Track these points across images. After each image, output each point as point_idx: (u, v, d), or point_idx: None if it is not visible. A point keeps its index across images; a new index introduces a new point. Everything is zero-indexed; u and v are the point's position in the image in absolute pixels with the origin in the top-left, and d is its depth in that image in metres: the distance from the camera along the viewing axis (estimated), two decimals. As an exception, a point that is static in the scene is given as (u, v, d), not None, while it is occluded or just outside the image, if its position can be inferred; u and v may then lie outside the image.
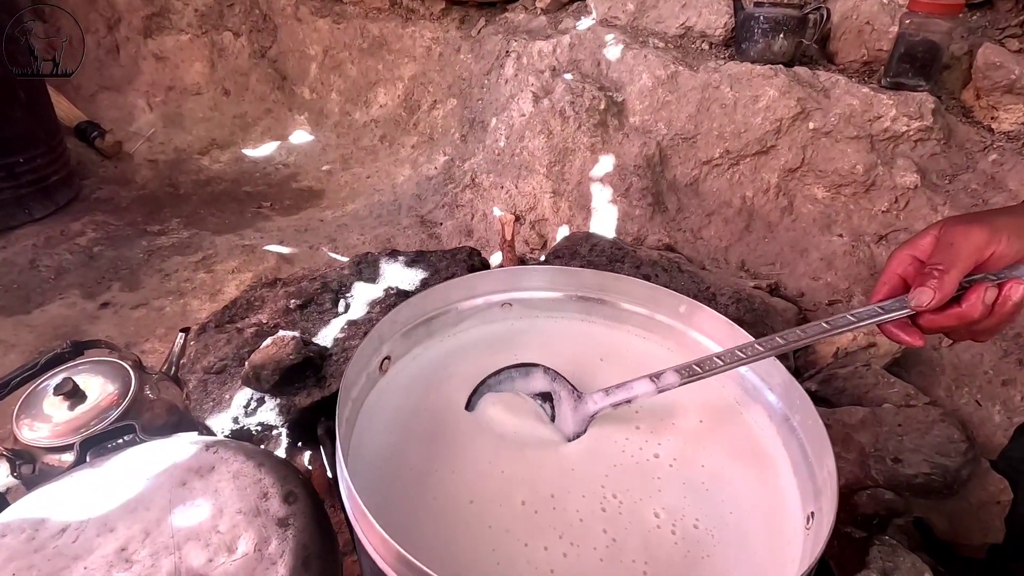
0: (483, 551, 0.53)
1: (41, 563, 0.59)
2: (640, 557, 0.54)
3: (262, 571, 0.59)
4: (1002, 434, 1.18)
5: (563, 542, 0.54)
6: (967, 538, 0.92)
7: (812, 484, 0.57)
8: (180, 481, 0.68)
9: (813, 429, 0.59)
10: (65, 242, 2.09)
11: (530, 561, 0.52)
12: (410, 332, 0.74)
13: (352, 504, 0.49)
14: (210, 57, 3.22)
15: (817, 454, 0.57)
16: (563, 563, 0.53)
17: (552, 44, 2.33)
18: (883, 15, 1.85)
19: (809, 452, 0.60)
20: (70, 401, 0.93)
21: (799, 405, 0.62)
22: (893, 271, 0.59)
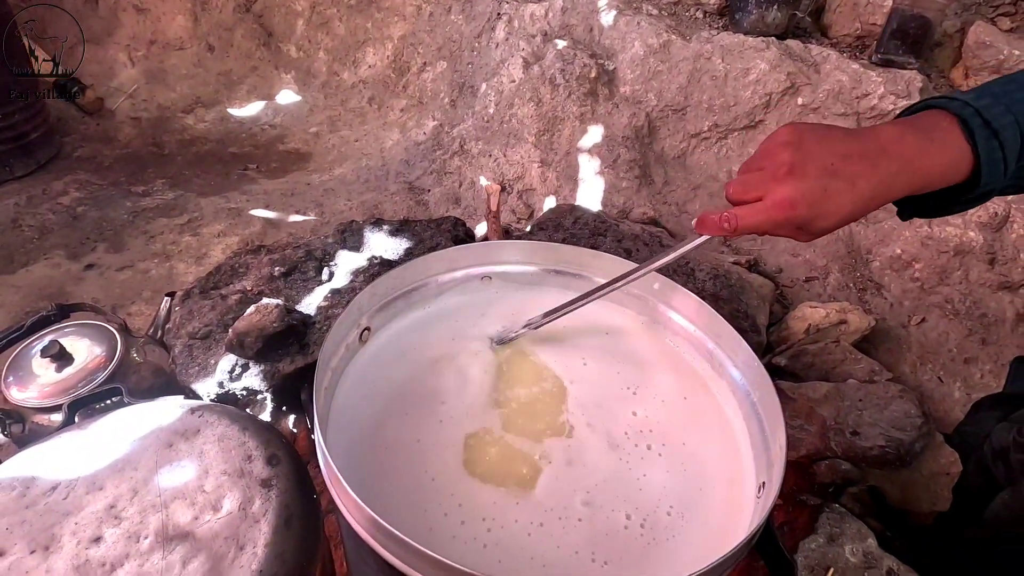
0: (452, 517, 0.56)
1: (33, 519, 0.62)
2: (623, 509, 0.58)
3: (246, 529, 0.62)
4: (960, 410, 1.24)
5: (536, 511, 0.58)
6: (917, 506, 0.98)
7: (766, 456, 0.61)
8: (166, 443, 0.70)
9: (770, 405, 0.62)
10: (48, 201, 2.07)
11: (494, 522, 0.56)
12: (390, 304, 0.76)
13: (328, 471, 0.52)
14: (193, 10, 3.12)
15: (772, 429, 0.61)
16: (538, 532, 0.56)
17: (544, 7, 2.28)
18: (878, -11, 1.84)
19: (766, 427, 0.63)
20: (57, 363, 0.94)
21: (759, 382, 0.65)
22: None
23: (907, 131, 0.57)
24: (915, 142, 0.56)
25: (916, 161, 0.56)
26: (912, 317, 1.41)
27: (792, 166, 0.55)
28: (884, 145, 0.56)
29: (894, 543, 0.86)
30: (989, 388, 1.27)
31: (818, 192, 0.54)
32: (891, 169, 0.55)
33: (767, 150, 0.58)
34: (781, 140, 0.57)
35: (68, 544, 0.59)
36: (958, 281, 1.38)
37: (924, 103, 0.61)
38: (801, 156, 0.55)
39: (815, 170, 0.55)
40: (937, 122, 0.57)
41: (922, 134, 0.56)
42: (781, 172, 0.55)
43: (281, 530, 0.62)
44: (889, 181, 0.56)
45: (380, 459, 0.62)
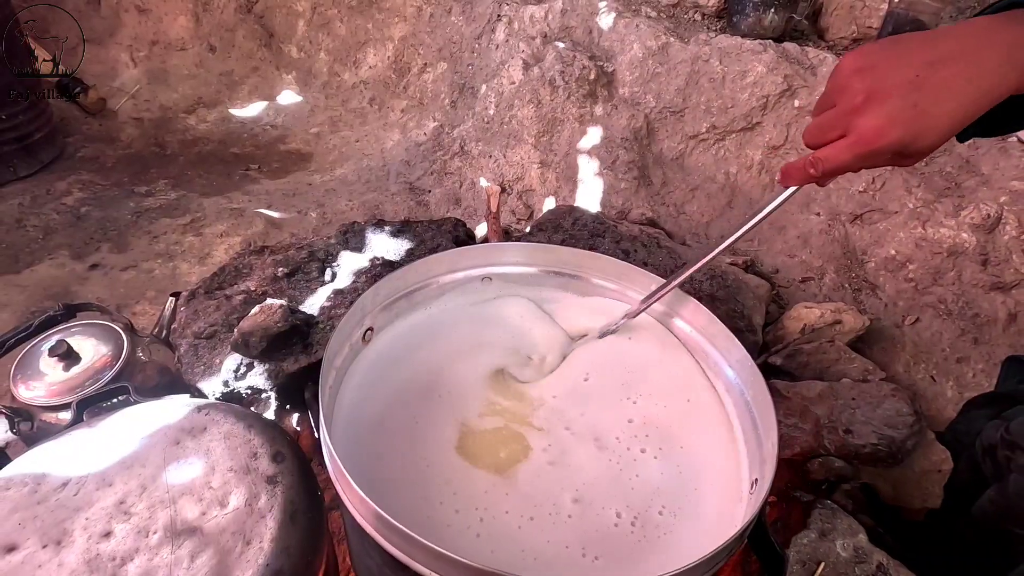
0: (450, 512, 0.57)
1: (44, 514, 0.63)
2: (613, 507, 0.59)
3: (252, 524, 0.63)
4: (952, 408, 1.26)
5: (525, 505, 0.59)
6: (909, 503, 0.99)
7: (759, 453, 0.63)
8: (174, 440, 0.71)
9: (763, 404, 0.63)
10: (52, 201, 2.08)
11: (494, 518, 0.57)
12: (392, 304, 0.77)
13: (333, 466, 0.53)
14: (194, 11, 3.13)
15: (765, 427, 0.62)
16: (528, 525, 0.58)
17: (544, 9, 2.29)
18: (874, -8, 1.85)
19: (759, 425, 0.65)
20: (65, 362, 0.96)
21: (752, 381, 0.66)
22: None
23: (999, 21, 0.50)
24: (1013, 28, 0.48)
25: (1017, 52, 0.48)
26: (906, 317, 1.43)
27: (869, 93, 0.49)
28: (980, 38, 0.49)
29: (885, 539, 0.88)
30: (981, 387, 1.29)
31: (907, 109, 0.48)
32: (992, 64, 0.48)
33: (837, 85, 0.53)
34: (850, 68, 0.52)
35: (79, 539, 0.61)
36: (951, 282, 1.40)
37: (1005, 2, 0.54)
38: (876, 78, 0.49)
39: (897, 88, 0.49)
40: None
41: (1019, 22, 0.49)
42: (857, 101, 0.50)
43: (286, 525, 0.64)
44: (991, 78, 0.48)
45: (382, 454, 0.64)
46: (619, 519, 0.58)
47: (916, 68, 0.49)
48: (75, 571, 0.58)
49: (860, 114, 0.50)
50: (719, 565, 0.47)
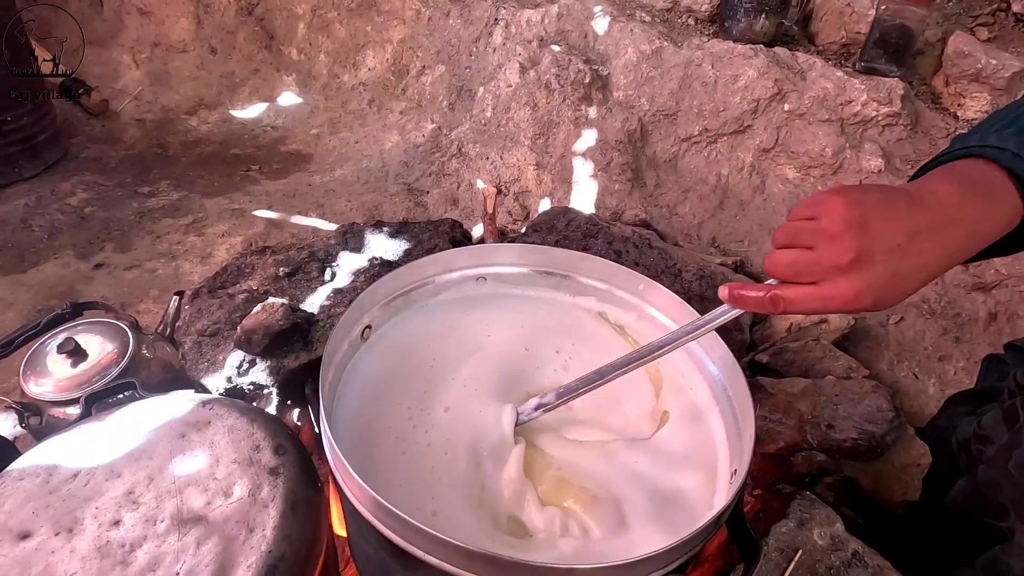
0: (447, 498, 0.60)
1: (56, 503, 0.66)
2: (602, 492, 0.61)
3: (255, 513, 0.66)
4: (934, 405, 1.28)
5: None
6: (889, 496, 1.02)
7: (739, 445, 0.65)
8: (179, 434, 0.74)
9: (743, 399, 0.66)
10: (56, 202, 2.10)
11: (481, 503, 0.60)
12: (390, 303, 0.80)
13: (333, 456, 0.56)
14: (196, 13, 3.14)
15: (744, 421, 0.65)
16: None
17: (540, 13, 2.32)
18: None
19: (739, 418, 0.67)
20: (72, 359, 0.98)
21: (733, 377, 0.69)
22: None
23: (967, 192, 0.52)
24: (978, 206, 0.52)
25: (981, 226, 0.52)
26: (891, 317, 1.46)
27: (858, 254, 0.49)
28: (951, 214, 0.51)
29: (865, 530, 0.90)
30: (962, 384, 1.31)
31: (885, 279, 0.49)
32: (959, 239, 0.51)
33: (822, 229, 0.51)
34: (840, 218, 0.50)
35: (90, 527, 0.63)
36: (934, 282, 1.43)
37: (963, 149, 0.56)
38: (867, 241, 0.49)
39: (882, 256, 0.49)
40: (992, 180, 0.53)
41: (983, 196, 0.52)
42: (845, 260, 0.49)
43: (288, 514, 0.66)
44: (956, 251, 0.52)
45: (379, 445, 0.66)
46: (606, 504, 0.61)
47: (900, 237, 0.50)
48: (86, 557, 0.61)
49: (844, 273, 0.49)
50: (696, 548, 0.50)
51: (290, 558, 0.63)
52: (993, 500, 0.74)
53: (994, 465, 0.74)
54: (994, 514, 0.73)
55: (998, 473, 0.73)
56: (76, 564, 0.60)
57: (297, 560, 0.64)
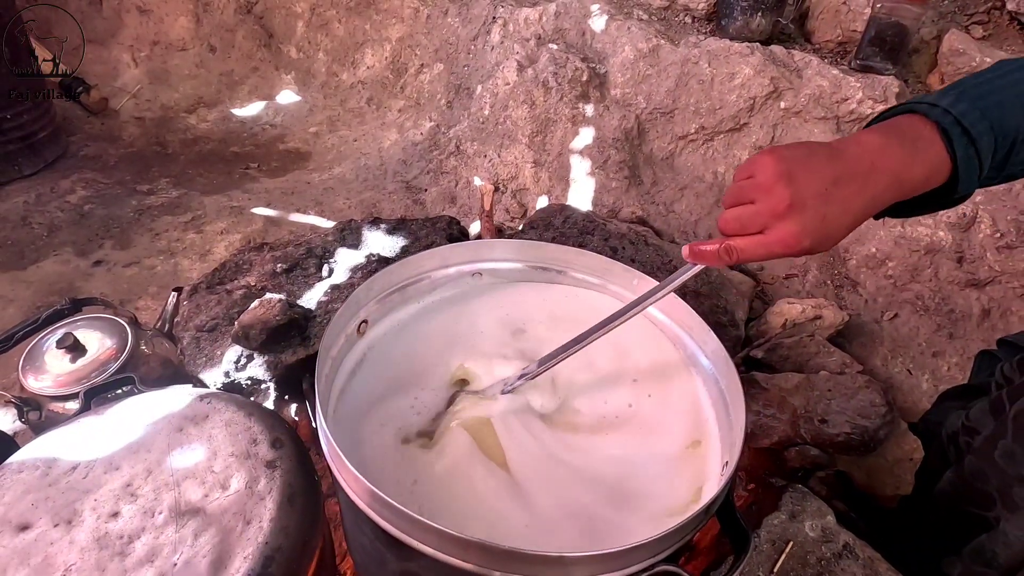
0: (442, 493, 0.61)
1: (55, 495, 0.66)
2: (589, 490, 0.62)
3: (252, 505, 0.66)
4: (927, 400, 1.29)
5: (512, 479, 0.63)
6: (882, 490, 1.03)
7: (730, 438, 0.66)
8: (177, 427, 0.74)
9: (735, 393, 0.66)
10: (56, 199, 2.10)
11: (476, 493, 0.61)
12: (386, 298, 0.80)
13: (328, 448, 0.56)
14: (195, 11, 3.14)
15: (735, 414, 0.65)
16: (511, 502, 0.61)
17: (538, 12, 2.32)
18: (859, -4, 1.88)
19: (731, 411, 0.68)
20: (71, 354, 0.98)
21: (726, 371, 0.69)
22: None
23: (891, 142, 0.57)
24: (900, 154, 0.56)
25: (903, 173, 0.56)
26: (885, 313, 1.46)
27: (791, 201, 0.54)
28: (872, 161, 0.56)
29: (858, 523, 0.91)
30: (955, 380, 1.32)
31: (818, 222, 0.55)
32: (880, 184, 0.56)
33: (758, 185, 0.57)
34: (771, 172, 0.56)
35: (89, 518, 0.64)
36: (928, 278, 1.43)
37: (904, 106, 0.61)
38: (797, 189, 0.55)
39: (812, 200, 0.55)
40: (919, 131, 0.57)
41: (907, 145, 0.57)
42: (781, 208, 0.55)
43: (285, 507, 0.67)
44: (879, 195, 0.57)
45: (374, 436, 0.67)
46: (601, 495, 0.61)
47: (825, 183, 0.55)
48: (85, 548, 0.61)
49: (781, 219, 0.55)
50: (686, 537, 0.50)
51: (287, 550, 0.64)
52: (979, 490, 0.74)
53: (980, 455, 0.75)
54: (981, 503, 0.74)
55: (984, 463, 0.74)
56: (75, 555, 0.60)
57: (294, 552, 0.65)
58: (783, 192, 0.55)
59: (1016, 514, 0.69)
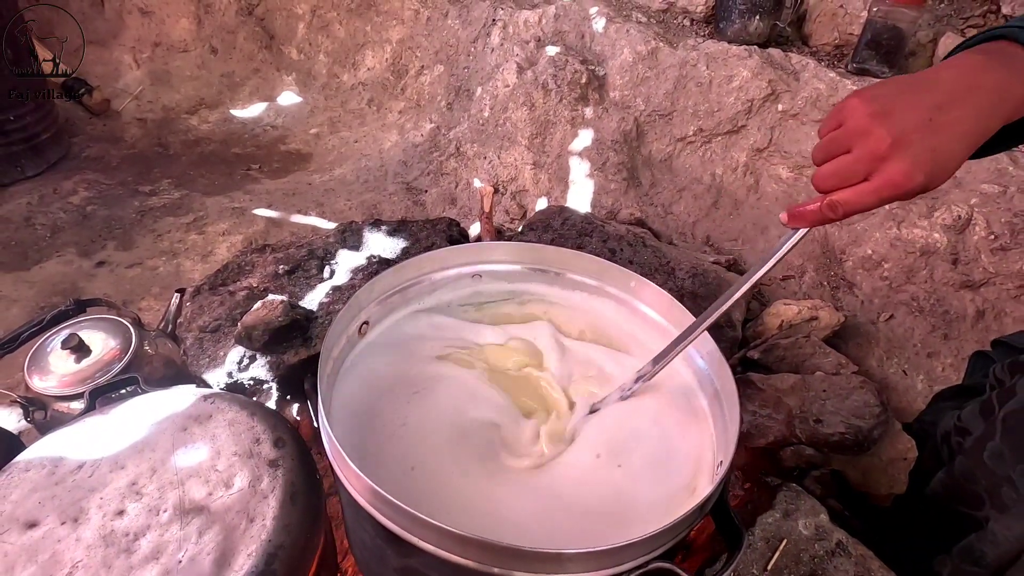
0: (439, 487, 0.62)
1: (62, 494, 0.67)
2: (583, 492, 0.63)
3: (255, 504, 0.67)
4: (922, 401, 1.30)
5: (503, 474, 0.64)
6: (876, 489, 1.04)
7: (724, 437, 0.67)
8: (181, 427, 0.75)
9: (729, 393, 0.67)
10: (59, 200, 2.11)
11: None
12: (386, 300, 0.81)
13: (330, 446, 0.57)
14: (196, 13, 3.15)
15: (730, 413, 0.66)
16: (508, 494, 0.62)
17: (538, 14, 2.33)
18: (856, 0, 1.89)
19: (725, 411, 0.69)
20: (76, 355, 1.00)
21: (721, 372, 0.70)
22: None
23: (989, 61, 0.54)
24: (1001, 71, 0.53)
25: (1006, 90, 0.52)
26: (881, 314, 1.47)
27: (893, 139, 0.50)
28: (974, 79, 0.52)
29: (852, 522, 0.92)
30: (949, 380, 1.33)
31: (927, 154, 0.50)
32: (987, 103, 0.52)
33: (854, 129, 0.52)
34: (863, 114, 0.52)
35: (95, 516, 0.65)
36: (924, 280, 1.44)
37: (987, 33, 0.58)
38: (896, 124, 0.51)
39: (917, 134, 0.50)
40: (1014, 51, 0.54)
41: (1005, 63, 0.53)
42: (882, 148, 0.50)
43: (287, 505, 0.68)
44: (988, 113, 0.52)
45: (375, 434, 0.68)
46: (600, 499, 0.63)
47: (928, 111, 0.51)
48: (91, 546, 0.62)
49: (887, 160, 0.51)
50: (681, 535, 0.51)
51: (289, 547, 0.65)
52: (970, 490, 0.75)
53: (970, 456, 0.76)
54: (971, 504, 0.75)
55: (974, 464, 0.75)
56: (82, 552, 0.61)
57: (296, 549, 0.66)
58: (881, 131, 0.50)
59: (1004, 514, 0.70)
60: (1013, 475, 0.70)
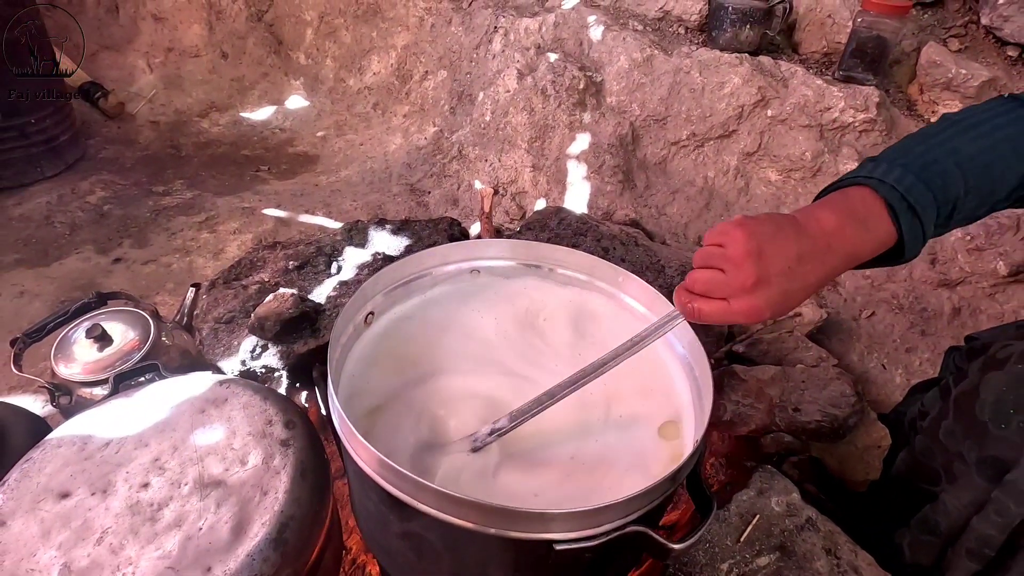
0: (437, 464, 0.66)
1: (91, 468, 0.72)
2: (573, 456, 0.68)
3: (268, 479, 0.72)
4: (900, 393, 1.34)
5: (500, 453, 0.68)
6: (853, 475, 1.08)
7: (701, 418, 0.71)
8: (199, 409, 0.80)
9: (705, 378, 0.71)
10: (76, 200, 2.16)
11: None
12: (391, 292, 0.86)
13: (341, 423, 0.62)
14: (208, 19, 3.20)
15: (706, 397, 0.70)
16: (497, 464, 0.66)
17: (538, 22, 2.37)
18: (843, 9, 1.93)
19: (703, 395, 0.73)
20: (99, 344, 1.04)
21: (699, 359, 0.75)
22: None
23: (846, 223, 0.62)
24: (854, 234, 0.62)
25: (855, 250, 0.62)
26: (863, 311, 1.51)
27: (757, 279, 0.59)
28: (829, 241, 0.61)
29: (827, 505, 0.96)
30: (926, 374, 1.37)
31: (779, 296, 0.60)
32: (836, 261, 0.61)
33: (728, 257, 0.61)
34: (742, 248, 0.60)
35: (122, 488, 0.69)
36: (903, 279, 1.48)
37: (855, 177, 0.66)
38: (763, 266, 0.59)
39: (776, 278, 0.59)
40: (870, 208, 0.62)
41: (859, 225, 0.62)
42: (748, 283, 0.59)
43: (298, 480, 0.72)
44: (833, 270, 0.62)
45: (380, 411, 0.73)
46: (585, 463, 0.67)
47: (789, 261, 0.60)
48: (119, 514, 0.67)
49: (748, 293, 0.60)
50: (655, 500, 0.55)
51: (300, 518, 0.69)
52: (928, 466, 0.80)
53: (928, 435, 0.80)
54: (929, 479, 0.80)
55: (931, 442, 0.79)
56: (111, 520, 0.66)
57: (305, 520, 0.70)
58: (751, 269, 0.59)
59: (954, 485, 0.75)
60: (963, 450, 0.75)
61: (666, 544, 0.53)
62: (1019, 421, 0.71)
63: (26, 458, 0.73)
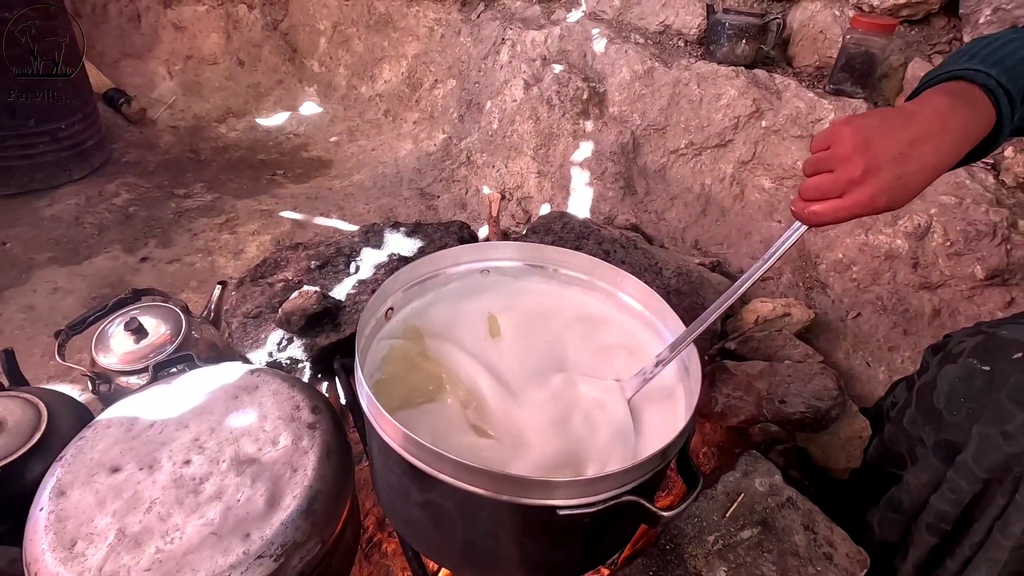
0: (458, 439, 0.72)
1: (138, 447, 0.78)
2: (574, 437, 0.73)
3: (298, 458, 0.78)
4: (883, 389, 1.39)
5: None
6: (835, 464, 1.13)
7: (690, 400, 0.76)
8: (233, 395, 0.86)
9: (695, 371, 0.77)
10: (103, 202, 2.23)
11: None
12: (408, 289, 0.92)
13: (368, 403, 0.68)
14: (225, 28, 3.27)
15: (695, 388, 0.75)
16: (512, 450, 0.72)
17: (544, 34, 2.43)
18: (834, 26, 1.99)
19: (692, 386, 0.78)
20: (135, 336, 1.11)
21: (690, 354, 0.80)
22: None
23: (958, 103, 0.61)
24: (968, 112, 0.61)
25: (970, 128, 0.61)
26: (849, 312, 1.56)
27: (866, 168, 0.57)
28: (945, 120, 0.60)
29: (810, 490, 1.02)
30: (907, 371, 1.41)
31: (892, 182, 0.58)
32: (953, 139, 0.60)
33: (835, 155, 0.60)
34: (848, 143, 0.59)
35: (166, 464, 0.75)
36: (887, 281, 1.53)
37: (948, 72, 0.65)
38: (872, 156, 0.58)
39: (888, 165, 0.57)
40: (973, 93, 0.62)
41: (969, 104, 0.61)
42: (856, 175, 0.58)
43: (324, 459, 0.78)
44: (952, 149, 0.60)
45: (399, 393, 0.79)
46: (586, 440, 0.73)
47: (901, 145, 0.59)
48: (166, 487, 0.73)
49: (858, 184, 0.59)
50: (646, 473, 0.61)
51: (326, 493, 0.75)
52: (895, 452, 0.85)
53: (895, 423, 0.86)
54: (896, 464, 0.85)
55: (897, 429, 0.85)
56: (158, 492, 0.72)
57: (331, 495, 0.76)
58: (859, 160, 0.58)
59: (915, 467, 0.80)
60: (923, 435, 0.80)
61: (657, 512, 0.59)
62: (968, 408, 0.76)
63: (79, 436, 0.79)
